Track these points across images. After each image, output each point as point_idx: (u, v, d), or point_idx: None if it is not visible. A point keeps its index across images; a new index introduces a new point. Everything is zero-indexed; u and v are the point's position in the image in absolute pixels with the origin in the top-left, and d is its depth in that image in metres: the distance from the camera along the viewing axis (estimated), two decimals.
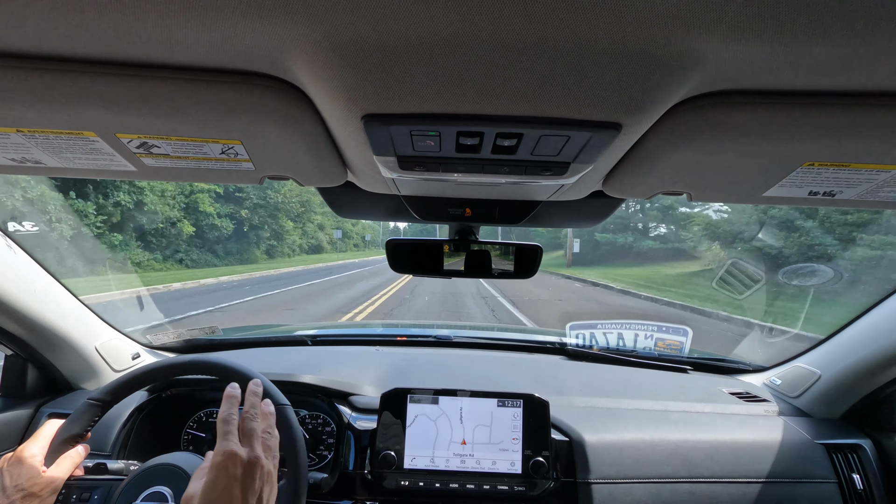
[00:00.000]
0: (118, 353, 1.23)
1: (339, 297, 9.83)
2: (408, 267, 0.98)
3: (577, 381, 1.29)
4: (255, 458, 0.60)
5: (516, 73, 0.36)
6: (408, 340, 1.63)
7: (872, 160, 0.48)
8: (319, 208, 35.69)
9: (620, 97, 0.38)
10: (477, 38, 0.32)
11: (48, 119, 0.45)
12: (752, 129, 0.44)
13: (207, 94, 0.42)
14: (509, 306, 8.69)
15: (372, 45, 0.33)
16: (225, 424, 0.62)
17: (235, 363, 0.83)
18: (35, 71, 0.39)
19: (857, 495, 0.97)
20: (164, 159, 0.54)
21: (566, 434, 1.03)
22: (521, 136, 0.44)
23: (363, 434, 1.04)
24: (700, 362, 1.47)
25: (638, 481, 0.96)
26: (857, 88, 0.39)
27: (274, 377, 0.87)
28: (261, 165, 0.56)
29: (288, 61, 0.37)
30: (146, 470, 0.74)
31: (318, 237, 36.88)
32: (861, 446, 1.04)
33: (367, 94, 0.39)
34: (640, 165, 0.54)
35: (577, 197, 0.74)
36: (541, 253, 0.97)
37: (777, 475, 0.98)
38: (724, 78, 0.38)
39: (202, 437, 1.13)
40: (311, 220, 34.41)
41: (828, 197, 0.58)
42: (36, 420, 1.06)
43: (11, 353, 1.07)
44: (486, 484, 0.96)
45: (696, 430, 1.06)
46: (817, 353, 1.19)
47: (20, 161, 0.55)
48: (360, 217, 0.97)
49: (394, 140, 0.46)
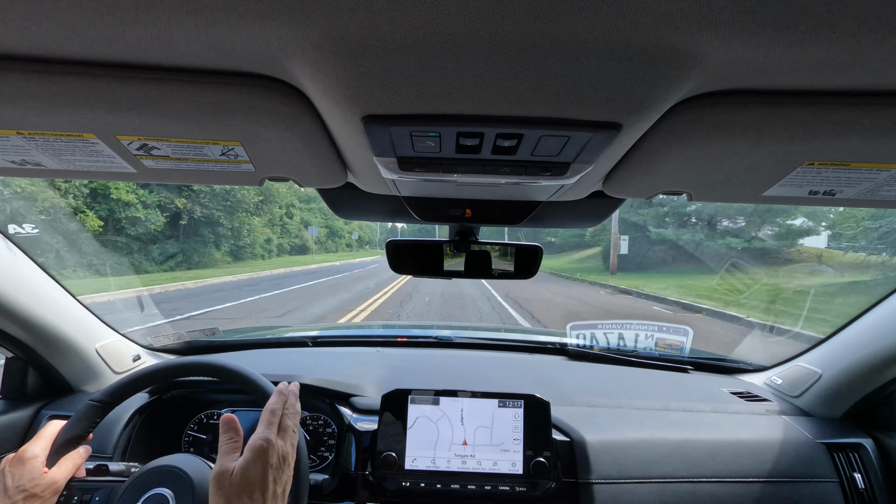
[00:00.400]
0: (119, 355, 1.23)
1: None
2: (408, 267, 0.98)
3: (578, 381, 1.29)
4: (287, 453, 0.66)
5: (516, 74, 0.36)
6: (408, 341, 1.63)
7: (872, 159, 0.48)
8: (303, 203, 31.38)
9: (620, 97, 0.38)
10: (477, 39, 0.32)
11: (48, 121, 0.45)
12: (752, 129, 0.44)
13: (207, 96, 0.42)
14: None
15: (372, 46, 0.33)
16: (272, 415, 0.68)
17: (230, 363, 0.84)
18: (35, 73, 0.39)
19: (858, 495, 0.97)
20: (164, 161, 0.54)
21: (567, 434, 1.03)
22: (521, 136, 0.44)
23: (364, 435, 1.04)
24: (701, 362, 1.47)
25: (639, 481, 0.96)
26: (857, 88, 0.39)
27: (274, 378, 0.87)
28: (261, 167, 0.56)
29: (288, 62, 0.37)
30: (147, 472, 0.74)
31: (304, 236, 33.59)
32: (862, 445, 1.03)
33: (367, 95, 0.39)
34: (640, 165, 0.54)
35: (577, 197, 0.74)
36: (541, 253, 0.97)
37: (778, 475, 0.98)
38: (725, 78, 0.38)
39: (203, 438, 1.13)
40: (290, 215, 29.75)
41: (828, 196, 0.58)
42: (37, 422, 1.06)
43: (12, 356, 1.07)
44: (488, 485, 0.96)
45: (698, 429, 1.06)
46: (818, 353, 1.19)
47: (20, 163, 0.55)
48: (360, 218, 0.97)
49: (394, 141, 0.46)
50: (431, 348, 1.59)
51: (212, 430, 1.14)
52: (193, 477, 0.73)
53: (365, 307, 8.55)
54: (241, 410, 1.16)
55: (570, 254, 29.13)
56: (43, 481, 0.67)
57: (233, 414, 0.75)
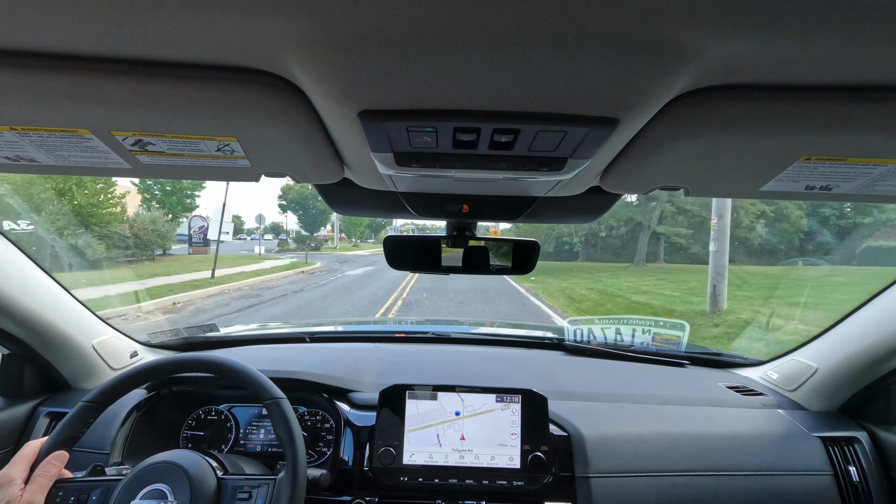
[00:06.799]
0: (116, 352, 1.23)
1: None
2: (406, 263, 0.99)
3: (575, 376, 1.30)
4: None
5: (513, 69, 0.35)
6: (406, 337, 1.64)
7: (869, 154, 0.48)
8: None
9: (617, 92, 0.38)
10: (473, 34, 0.32)
11: (42, 117, 0.45)
12: (749, 124, 0.44)
13: (203, 91, 0.41)
14: None
15: (368, 40, 0.33)
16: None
17: (226, 359, 0.84)
18: (28, 68, 0.39)
19: (853, 487, 0.98)
20: (159, 157, 0.54)
21: (564, 429, 1.03)
22: (517, 131, 0.44)
23: (362, 430, 1.04)
24: (697, 357, 1.47)
25: (636, 475, 0.96)
26: (853, 82, 0.39)
27: (272, 374, 0.87)
28: (257, 162, 0.56)
29: (283, 58, 0.37)
30: (145, 468, 0.74)
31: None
32: (857, 439, 1.04)
33: (364, 91, 0.39)
34: (637, 161, 0.54)
35: (575, 193, 0.74)
36: (538, 249, 0.97)
37: (774, 468, 0.99)
38: (721, 72, 0.38)
39: (200, 435, 1.13)
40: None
41: (824, 191, 0.58)
42: (34, 419, 1.06)
43: (8, 352, 1.07)
44: (485, 479, 0.96)
45: (694, 423, 1.07)
46: (814, 347, 1.20)
47: (14, 159, 0.55)
48: (357, 213, 0.97)
49: (390, 136, 0.46)
50: (429, 344, 1.59)
51: (210, 427, 1.14)
52: (191, 472, 0.73)
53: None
54: (239, 406, 1.16)
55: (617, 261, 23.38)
56: (20, 503, 0.68)
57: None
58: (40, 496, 0.70)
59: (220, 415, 1.15)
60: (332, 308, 8.35)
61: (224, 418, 1.14)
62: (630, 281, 14.10)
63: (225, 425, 1.14)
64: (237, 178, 0.63)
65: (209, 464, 0.77)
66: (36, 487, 0.70)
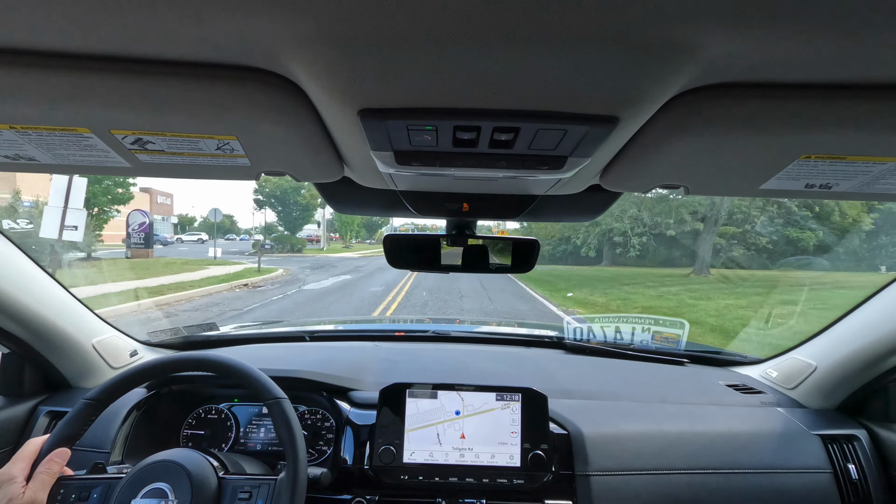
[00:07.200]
0: (116, 351, 1.23)
1: None
2: (406, 262, 0.99)
3: (575, 374, 1.30)
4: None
5: (513, 67, 0.35)
6: (406, 336, 1.64)
7: (868, 152, 0.48)
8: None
9: (618, 90, 0.38)
10: (473, 32, 0.32)
11: (41, 115, 0.44)
12: (749, 122, 0.44)
13: (202, 90, 0.41)
14: None
15: (367, 39, 0.33)
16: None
17: (222, 356, 0.84)
18: (28, 67, 0.39)
19: (852, 485, 0.98)
20: (158, 155, 0.53)
21: (564, 427, 1.03)
22: (517, 130, 0.44)
23: (362, 429, 1.04)
24: (697, 355, 1.48)
25: (635, 473, 0.97)
26: (853, 81, 0.39)
27: (272, 373, 0.87)
28: (256, 161, 0.56)
29: (283, 56, 0.37)
30: (146, 466, 0.74)
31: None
32: (856, 437, 1.05)
33: (364, 89, 0.39)
34: (637, 159, 0.54)
35: (575, 191, 0.74)
36: (538, 247, 0.97)
37: (773, 466, 0.99)
38: (722, 71, 0.38)
39: (201, 433, 1.13)
40: None
41: (824, 189, 0.58)
42: (34, 418, 1.06)
43: (8, 351, 1.07)
44: (486, 477, 0.96)
45: (693, 422, 1.07)
46: (813, 345, 1.20)
47: (13, 158, 0.55)
48: (357, 212, 0.97)
49: (390, 135, 0.46)
50: (429, 342, 1.60)
51: (210, 425, 1.14)
52: (192, 471, 0.73)
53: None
54: (239, 405, 1.16)
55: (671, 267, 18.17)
56: (22, 501, 0.68)
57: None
58: (42, 493, 0.70)
59: (221, 414, 1.15)
60: None
61: (224, 417, 1.14)
62: (726, 300, 9.65)
63: (225, 424, 1.14)
64: (236, 177, 0.63)
65: (210, 463, 0.77)
66: (38, 485, 0.70)
